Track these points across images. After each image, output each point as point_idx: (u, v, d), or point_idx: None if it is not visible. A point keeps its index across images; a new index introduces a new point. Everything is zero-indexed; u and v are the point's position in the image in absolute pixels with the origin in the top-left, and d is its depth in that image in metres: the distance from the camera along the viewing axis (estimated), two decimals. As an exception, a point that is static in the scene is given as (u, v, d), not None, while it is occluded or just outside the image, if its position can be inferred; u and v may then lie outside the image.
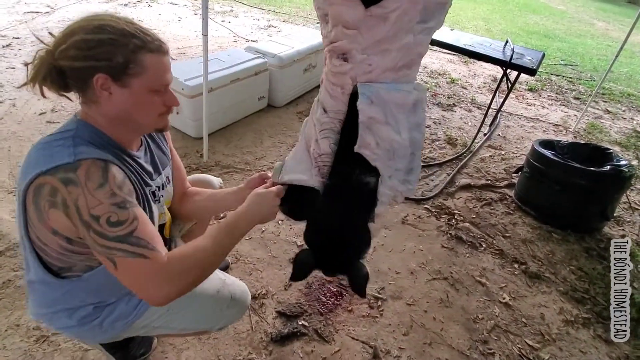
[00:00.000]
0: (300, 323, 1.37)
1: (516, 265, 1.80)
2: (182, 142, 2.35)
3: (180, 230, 1.21)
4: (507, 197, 2.29)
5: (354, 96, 0.81)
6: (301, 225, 1.85)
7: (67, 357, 1.19)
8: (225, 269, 1.55)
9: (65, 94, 0.75)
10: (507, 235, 2.00)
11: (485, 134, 3.00)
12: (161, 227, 0.92)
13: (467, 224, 2.02)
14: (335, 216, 0.91)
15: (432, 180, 2.38)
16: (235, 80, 2.43)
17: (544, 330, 1.48)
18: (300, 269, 1.01)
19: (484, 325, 1.47)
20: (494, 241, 1.94)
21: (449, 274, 1.69)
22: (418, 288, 1.61)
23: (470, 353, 1.35)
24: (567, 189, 1.98)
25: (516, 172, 2.36)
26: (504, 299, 1.60)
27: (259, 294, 1.47)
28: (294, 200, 0.92)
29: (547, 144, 2.23)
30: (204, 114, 2.04)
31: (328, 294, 1.52)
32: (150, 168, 0.87)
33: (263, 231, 1.81)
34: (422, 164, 2.57)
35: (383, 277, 1.64)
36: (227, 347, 1.26)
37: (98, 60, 0.67)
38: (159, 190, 0.90)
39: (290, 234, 1.81)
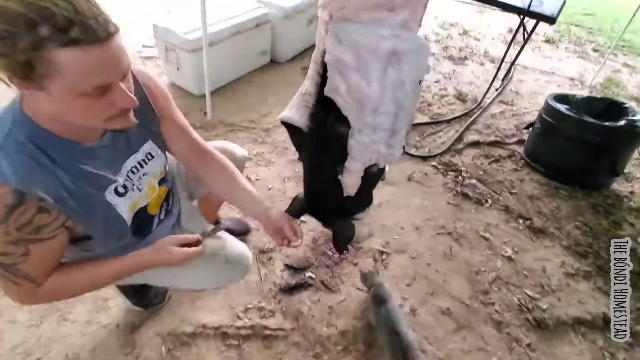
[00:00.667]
0: (307, 275, 1.43)
1: (521, 221, 1.81)
2: (184, 99, 2.30)
3: (191, 196, 1.15)
4: (516, 154, 2.25)
5: None
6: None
7: (88, 305, 1.26)
8: (246, 233, 1.52)
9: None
10: (513, 191, 2.00)
11: (497, 89, 2.89)
12: (143, 209, 0.84)
13: (474, 181, 2.01)
14: (310, 161, 0.92)
15: (440, 137, 2.34)
16: (236, 33, 2.32)
17: (544, 282, 1.52)
18: (294, 207, 1.07)
19: (486, 277, 1.51)
20: (500, 197, 1.94)
21: (454, 229, 1.72)
22: (422, 242, 1.64)
23: (470, 302, 1.41)
24: (578, 144, 1.94)
25: (527, 128, 2.30)
26: (506, 252, 1.63)
27: (266, 249, 1.51)
28: (292, 139, 0.93)
29: (561, 98, 2.15)
30: (205, 70, 1.97)
31: (333, 249, 1.56)
32: (117, 155, 0.76)
33: (270, 189, 1.83)
34: (429, 120, 2.50)
35: (388, 233, 1.67)
36: (239, 297, 1.33)
37: None
38: (133, 174, 0.80)
39: (296, 191, 1.81)
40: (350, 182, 0.92)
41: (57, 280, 0.72)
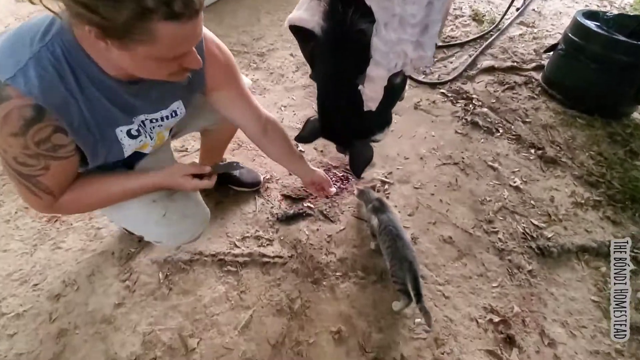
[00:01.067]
0: (305, 205, 1.37)
1: (532, 151, 1.71)
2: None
3: (176, 134, 1.07)
4: (533, 80, 2.07)
5: None
6: (306, 112, 1.73)
7: (81, 234, 1.23)
8: (256, 186, 1.41)
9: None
10: (527, 120, 1.87)
11: (517, 9, 2.59)
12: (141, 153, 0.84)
13: (485, 109, 1.87)
14: (324, 71, 0.79)
15: (451, 63, 2.14)
16: (222, -62, 2.01)
17: (551, 212, 1.47)
18: (306, 131, 0.98)
19: (491, 206, 1.46)
20: (512, 127, 1.82)
21: (460, 159, 1.63)
22: (427, 173, 1.56)
23: (473, 231, 1.37)
24: (604, 66, 1.76)
25: (548, 51, 2.09)
26: (514, 182, 1.56)
27: (263, 179, 1.44)
28: (302, 50, 0.80)
29: (590, 15, 1.91)
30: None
31: (334, 179, 1.49)
32: (139, 102, 0.72)
33: (265, 118, 1.71)
34: (441, 44, 2.28)
35: (391, 163, 1.58)
36: (235, 226, 1.29)
37: (92, 12, 0.48)
38: (150, 123, 0.78)
39: (293, 120, 1.70)
40: (372, 93, 0.79)
41: (74, 194, 0.73)
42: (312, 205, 1.38)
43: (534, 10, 2.68)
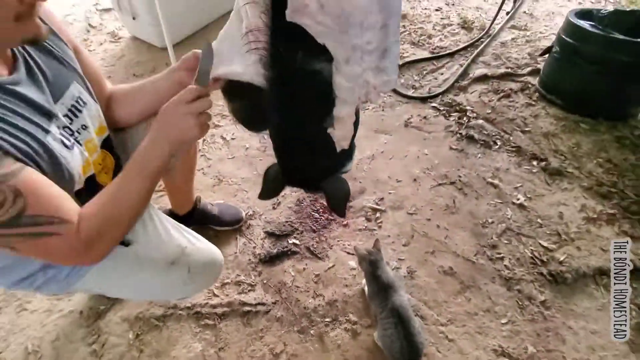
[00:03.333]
0: (290, 242, 1.27)
1: (535, 163, 1.60)
2: (148, 54, 2.03)
3: None
4: (530, 85, 1.97)
5: None
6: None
7: (50, 292, 1.14)
8: (238, 223, 1.30)
9: None
10: (526, 130, 1.75)
11: (507, 13, 2.51)
12: (91, 179, 0.69)
13: (481, 121, 1.76)
14: (283, 121, 0.68)
15: (442, 74, 2.05)
16: (197, -33, 1.99)
17: (561, 230, 1.34)
18: (268, 185, 0.84)
19: (494, 229, 1.34)
20: (511, 137, 1.71)
21: (457, 178, 1.52)
22: (421, 196, 1.45)
23: (476, 259, 1.25)
24: (604, 67, 1.65)
25: (543, 54, 1.99)
26: (518, 200, 1.44)
27: (245, 215, 1.35)
28: (235, 102, 0.69)
29: (584, 14, 1.81)
30: (159, 15, 1.69)
31: (321, 210, 1.39)
32: (43, 98, 0.59)
33: (247, 148, 1.63)
34: (429, 55, 2.18)
35: (382, 187, 1.48)
36: (213, 272, 1.19)
37: None
38: (71, 122, 0.65)
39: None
40: (344, 132, 0.69)
41: (87, 216, 0.58)
42: (297, 242, 1.28)
43: (525, 12, 2.59)
